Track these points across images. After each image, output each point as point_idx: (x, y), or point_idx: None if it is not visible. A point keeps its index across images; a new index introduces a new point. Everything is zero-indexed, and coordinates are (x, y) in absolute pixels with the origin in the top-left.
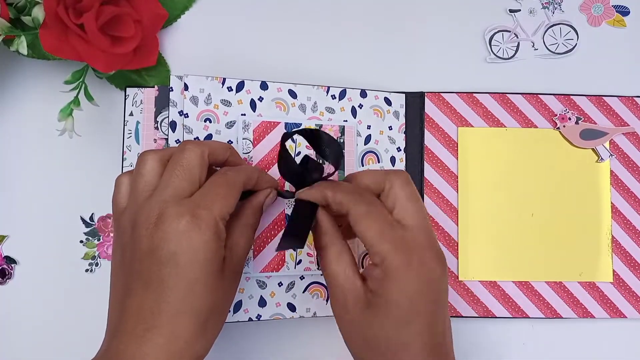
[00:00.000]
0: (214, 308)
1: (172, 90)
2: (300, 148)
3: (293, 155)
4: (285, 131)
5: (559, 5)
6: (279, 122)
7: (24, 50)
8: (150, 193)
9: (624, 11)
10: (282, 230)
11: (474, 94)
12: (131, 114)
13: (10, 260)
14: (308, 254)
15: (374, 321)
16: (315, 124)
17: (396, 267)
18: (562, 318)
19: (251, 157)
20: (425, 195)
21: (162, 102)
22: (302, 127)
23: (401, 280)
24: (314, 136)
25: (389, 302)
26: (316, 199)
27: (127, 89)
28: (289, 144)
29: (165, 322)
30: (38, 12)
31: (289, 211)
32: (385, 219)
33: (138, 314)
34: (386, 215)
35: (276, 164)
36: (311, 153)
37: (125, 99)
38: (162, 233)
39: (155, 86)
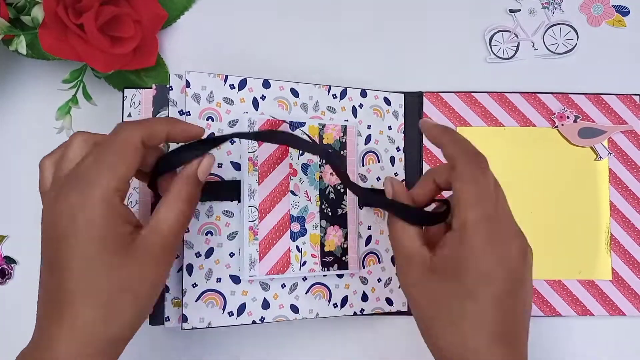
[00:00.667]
0: (121, 288)
1: (172, 89)
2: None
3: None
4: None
5: (559, 5)
6: (284, 121)
7: (23, 49)
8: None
9: (624, 11)
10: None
11: (472, 94)
12: (129, 115)
13: (10, 260)
14: (312, 255)
15: (439, 285)
16: (319, 124)
17: (477, 239)
18: (561, 316)
19: (256, 157)
20: None
21: (160, 102)
22: (307, 126)
23: (477, 252)
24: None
25: (457, 268)
26: (435, 137)
27: (125, 90)
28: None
29: (67, 302)
30: (37, 12)
31: (294, 211)
32: (488, 190)
33: (46, 297)
34: (491, 189)
35: (280, 166)
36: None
37: (123, 100)
38: (57, 210)
39: (153, 85)
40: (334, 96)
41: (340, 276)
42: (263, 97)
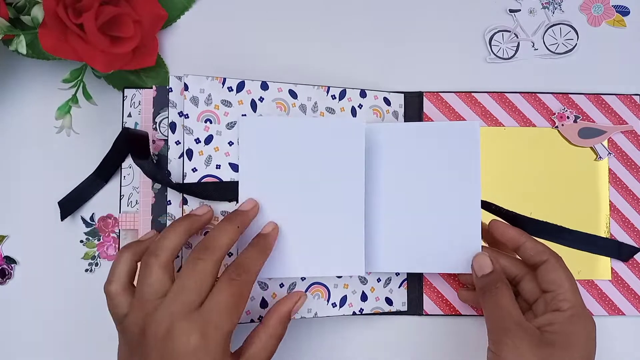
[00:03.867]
0: None
1: (172, 90)
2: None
3: None
4: None
5: (559, 5)
6: None
7: (23, 49)
8: (159, 301)
9: (624, 11)
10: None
11: (472, 94)
12: (129, 115)
13: (10, 260)
14: None
15: (551, 356)
16: None
17: (579, 315)
18: None
19: None
20: None
21: (160, 103)
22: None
23: (582, 326)
24: None
25: (571, 341)
26: (513, 240)
27: (125, 90)
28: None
29: None
30: (37, 12)
31: None
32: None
33: None
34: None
35: None
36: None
37: (123, 100)
38: (171, 349)
39: (154, 86)
40: (333, 97)
41: (339, 275)
42: (261, 99)
